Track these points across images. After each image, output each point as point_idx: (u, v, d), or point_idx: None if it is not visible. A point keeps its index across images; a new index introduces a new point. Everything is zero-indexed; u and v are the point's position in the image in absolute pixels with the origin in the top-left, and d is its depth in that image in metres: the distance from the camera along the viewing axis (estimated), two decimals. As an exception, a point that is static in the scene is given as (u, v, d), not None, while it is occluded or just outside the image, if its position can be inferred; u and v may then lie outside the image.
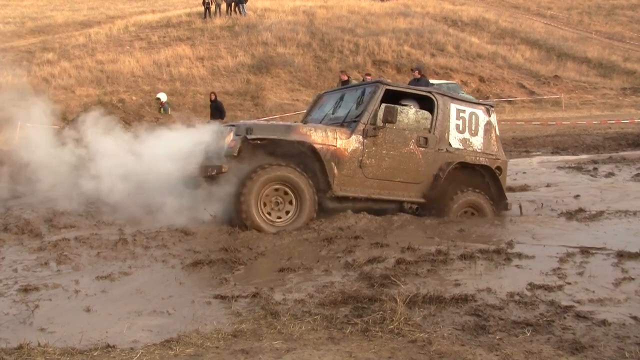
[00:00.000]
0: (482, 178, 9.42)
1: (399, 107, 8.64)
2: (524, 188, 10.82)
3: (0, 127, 15.61)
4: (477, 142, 9.44)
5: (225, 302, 5.35)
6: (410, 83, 15.88)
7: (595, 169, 14.37)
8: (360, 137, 8.55)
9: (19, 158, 11.82)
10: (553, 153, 16.32)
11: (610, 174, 13.57)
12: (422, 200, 8.99)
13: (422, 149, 8.92)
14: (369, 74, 17.77)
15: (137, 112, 15.72)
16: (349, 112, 8.96)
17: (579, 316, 4.80)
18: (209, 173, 8.10)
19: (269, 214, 8.03)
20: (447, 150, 9.12)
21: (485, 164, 9.40)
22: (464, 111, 9.37)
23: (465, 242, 7.24)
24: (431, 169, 8.98)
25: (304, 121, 9.75)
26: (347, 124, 8.75)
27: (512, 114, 28.68)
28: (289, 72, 32.42)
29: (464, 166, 9.25)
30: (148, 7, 48.87)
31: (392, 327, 4.54)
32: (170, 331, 4.68)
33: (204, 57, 33.38)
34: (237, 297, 5.44)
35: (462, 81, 34.09)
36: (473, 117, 9.45)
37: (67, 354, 4.19)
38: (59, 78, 30.63)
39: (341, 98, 9.48)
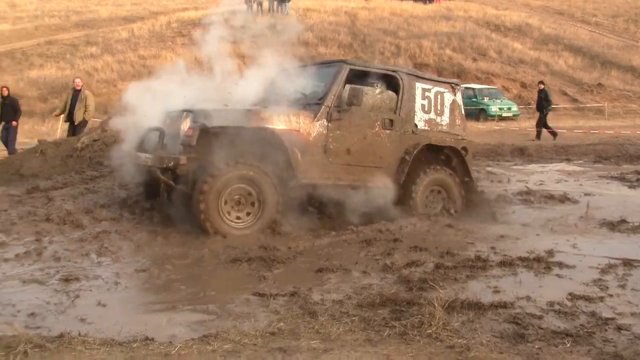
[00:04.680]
0: (448, 159, 9.34)
1: (364, 88, 8.36)
2: (564, 197, 10.67)
3: (45, 118, 15.94)
4: (443, 122, 9.27)
5: (264, 300, 5.37)
6: None
7: (638, 179, 14.14)
8: (324, 120, 8.20)
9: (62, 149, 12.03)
10: (595, 162, 16.08)
11: (653, 185, 13.36)
12: (389, 185, 8.58)
13: (388, 131, 8.69)
14: None
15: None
16: (311, 94, 8.61)
17: (620, 329, 4.73)
18: (166, 165, 7.54)
19: (229, 213, 7.61)
20: (413, 132, 8.92)
21: (452, 145, 9.28)
22: (429, 90, 9.12)
23: (505, 249, 7.16)
24: (397, 152, 8.76)
25: (264, 101, 8.91)
26: (310, 106, 8.31)
27: (554, 122, 28.20)
28: (330, 73, 32.35)
29: (430, 148, 9.09)
30: (191, 3, 49.23)
31: (430, 331, 4.51)
32: (209, 326, 4.72)
33: (245, 55, 33.45)
34: (276, 295, 5.46)
35: (503, 87, 33.95)
36: (439, 96, 9.23)
37: (107, 345, 4.24)
38: (102, 72, 31.03)
39: (306, 76, 8.95)
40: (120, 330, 4.58)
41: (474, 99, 30.55)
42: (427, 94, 9.07)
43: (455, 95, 9.42)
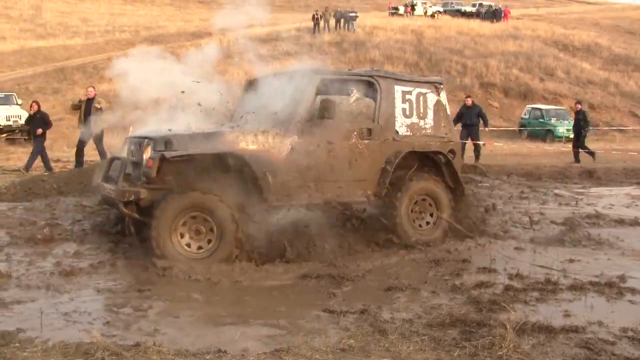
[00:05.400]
0: (435, 164, 8.72)
1: (337, 99, 7.87)
2: (634, 222, 10.44)
3: (113, 130, 16.19)
4: (427, 125, 8.68)
5: (334, 317, 5.43)
6: None
7: None
8: (296, 137, 7.68)
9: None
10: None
11: None
12: (370, 199, 8.14)
13: (366, 141, 8.14)
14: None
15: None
16: (282, 107, 7.96)
17: (697, 358, 4.64)
18: (127, 198, 7.19)
19: (188, 245, 7.17)
20: (393, 139, 8.37)
21: (437, 150, 8.67)
22: (410, 92, 8.53)
23: (575, 272, 7.07)
24: (377, 163, 8.22)
25: (234, 115, 8.75)
26: (279, 123, 7.76)
27: (623, 144, 27.80)
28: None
29: (414, 154, 8.54)
30: (258, 20, 49.73)
31: (500, 353, 4.51)
32: (280, 341, 4.80)
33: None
34: (346, 312, 5.52)
35: (571, 107, 33.38)
36: (421, 97, 8.63)
37: (181, 355, 4.36)
38: (170, 86, 31.50)
39: (275, 87, 8.41)
40: (193, 342, 4.69)
41: (541, 120, 30.17)
42: (407, 96, 8.55)
43: (439, 95, 8.85)
